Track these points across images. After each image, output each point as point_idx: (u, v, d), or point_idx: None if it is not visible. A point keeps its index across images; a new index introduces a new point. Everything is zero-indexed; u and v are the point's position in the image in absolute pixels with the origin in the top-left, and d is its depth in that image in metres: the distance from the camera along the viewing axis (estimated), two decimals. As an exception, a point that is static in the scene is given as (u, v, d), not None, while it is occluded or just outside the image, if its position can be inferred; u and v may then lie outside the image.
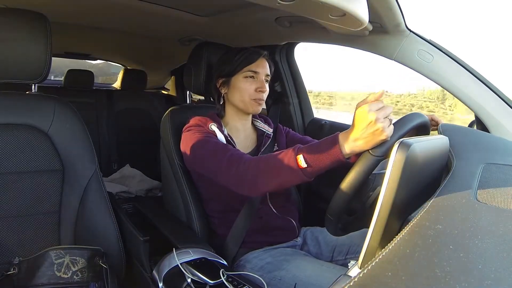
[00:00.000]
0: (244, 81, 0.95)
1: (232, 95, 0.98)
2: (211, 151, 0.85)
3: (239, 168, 0.76)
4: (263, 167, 0.73)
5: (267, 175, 0.72)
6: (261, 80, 0.96)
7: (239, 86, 0.96)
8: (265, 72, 0.97)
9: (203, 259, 0.79)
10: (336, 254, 0.96)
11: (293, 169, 0.68)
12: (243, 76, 0.96)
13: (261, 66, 0.96)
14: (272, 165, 0.71)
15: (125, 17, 1.37)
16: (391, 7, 0.81)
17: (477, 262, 0.33)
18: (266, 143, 1.01)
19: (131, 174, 2.01)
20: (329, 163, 0.65)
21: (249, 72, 0.95)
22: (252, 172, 0.74)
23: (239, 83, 0.96)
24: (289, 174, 0.69)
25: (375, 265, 0.33)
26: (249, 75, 0.95)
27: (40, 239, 0.88)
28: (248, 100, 0.95)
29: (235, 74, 0.96)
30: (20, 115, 0.87)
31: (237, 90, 0.96)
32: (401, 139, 0.47)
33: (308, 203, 1.32)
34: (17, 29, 0.82)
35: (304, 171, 0.67)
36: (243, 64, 0.95)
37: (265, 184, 0.73)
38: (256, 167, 0.74)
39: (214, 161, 0.82)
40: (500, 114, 0.89)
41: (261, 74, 0.96)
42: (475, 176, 0.56)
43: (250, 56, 0.96)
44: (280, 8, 0.62)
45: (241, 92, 0.95)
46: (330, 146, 0.65)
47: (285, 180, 0.71)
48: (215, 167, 0.82)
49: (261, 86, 0.95)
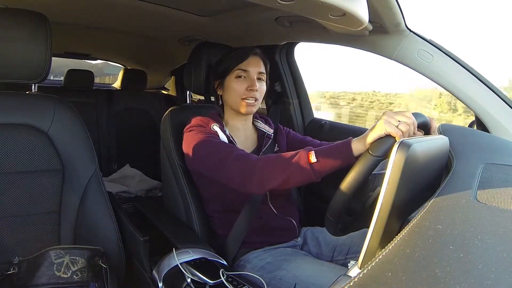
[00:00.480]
0: (235, 81, 0.94)
1: (227, 96, 0.97)
2: (215, 150, 0.85)
3: (247, 164, 0.77)
4: (273, 161, 0.75)
5: (276, 169, 0.74)
6: (252, 79, 0.93)
7: (231, 87, 0.95)
8: (257, 70, 0.95)
9: (203, 259, 0.79)
10: (337, 254, 0.96)
11: (303, 164, 0.70)
12: (235, 76, 0.94)
13: (252, 64, 0.94)
14: (282, 159, 0.74)
15: (125, 17, 1.37)
16: (391, 7, 0.81)
17: (477, 262, 0.33)
18: (266, 143, 1.01)
19: (131, 174, 2.01)
20: (339, 162, 0.68)
21: (239, 71, 0.94)
22: (261, 167, 0.75)
23: (231, 83, 0.95)
24: (298, 169, 0.70)
25: (375, 265, 0.33)
26: (240, 74, 0.94)
27: (40, 239, 0.88)
28: (238, 100, 0.94)
29: (227, 75, 0.95)
30: (20, 115, 0.87)
31: (230, 90, 0.95)
32: (401, 139, 0.47)
33: (308, 203, 1.32)
34: (17, 29, 0.82)
35: (313, 167, 0.69)
36: (234, 64, 0.94)
37: (272, 179, 0.74)
38: (265, 162, 0.76)
39: (219, 159, 0.82)
40: (500, 114, 0.89)
41: (251, 72, 0.94)
42: (475, 176, 0.55)
43: (239, 55, 0.94)
44: (280, 8, 0.62)
45: (233, 92, 0.94)
46: (342, 145, 0.69)
47: (293, 175, 0.72)
48: (219, 165, 0.82)
49: (251, 85, 0.92)
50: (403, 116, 0.63)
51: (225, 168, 0.81)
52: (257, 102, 0.95)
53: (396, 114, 0.64)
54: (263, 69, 0.97)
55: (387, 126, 0.62)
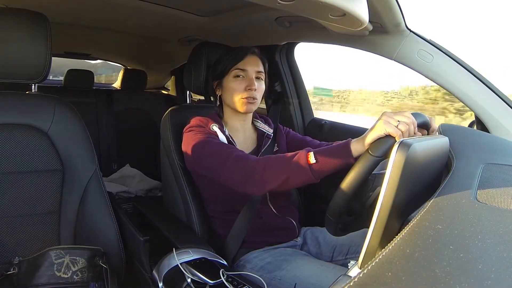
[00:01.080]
0: (234, 81, 0.94)
1: (225, 96, 0.97)
2: (214, 150, 0.85)
3: (246, 165, 0.78)
4: (273, 162, 0.75)
5: (275, 170, 0.74)
6: (250, 78, 0.93)
7: (230, 87, 0.95)
8: (255, 69, 0.95)
9: (203, 259, 0.79)
10: (336, 254, 0.96)
11: (302, 164, 0.70)
12: (233, 76, 0.94)
13: (250, 63, 0.94)
14: (281, 160, 0.74)
15: (125, 17, 1.37)
16: (391, 7, 0.81)
17: (477, 262, 0.33)
18: (266, 143, 1.01)
19: (131, 174, 2.01)
20: (338, 163, 0.68)
21: (237, 70, 0.94)
22: (260, 168, 0.76)
23: (229, 83, 0.95)
24: (297, 169, 0.71)
25: (375, 265, 0.33)
26: (238, 74, 0.94)
27: (40, 239, 0.88)
28: (238, 99, 0.94)
29: (225, 75, 0.95)
30: (20, 115, 0.87)
31: (229, 90, 0.95)
32: (401, 139, 0.47)
33: (308, 203, 1.32)
34: (17, 29, 0.82)
35: (312, 167, 0.69)
36: (231, 64, 0.94)
37: (271, 180, 0.74)
38: (265, 163, 0.76)
39: (218, 159, 0.82)
40: (500, 114, 0.89)
41: (250, 71, 0.94)
42: (475, 176, 0.55)
43: (237, 54, 0.95)
44: (280, 8, 0.62)
45: (232, 92, 0.94)
46: (341, 146, 0.69)
47: (292, 175, 0.72)
48: (219, 165, 0.82)
49: (250, 84, 0.92)
50: (403, 116, 0.63)
51: (225, 169, 0.81)
52: (256, 101, 0.95)
53: (395, 114, 0.64)
54: (261, 68, 0.97)
55: (386, 126, 0.62)
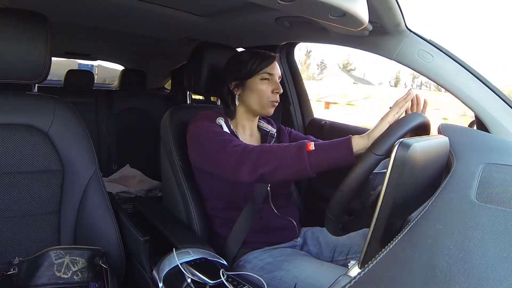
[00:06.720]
0: (261, 83, 0.97)
1: (248, 97, 0.98)
2: (216, 136, 0.86)
3: (245, 149, 0.79)
4: (270, 147, 0.77)
5: (271, 153, 0.75)
6: (276, 82, 0.98)
7: (257, 88, 0.97)
8: (278, 73, 0.99)
9: (203, 259, 0.79)
10: (337, 254, 0.96)
11: (299, 150, 0.71)
12: (260, 79, 0.97)
13: (275, 68, 0.99)
14: (280, 146, 0.76)
15: (125, 17, 1.37)
16: (391, 7, 0.81)
17: (477, 262, 0.33)
18: (270, 142, 1.02)
19: (131, 174, 2.01)
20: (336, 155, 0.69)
21: (265, 74, 0.97)
22: (257, 151, 0.77)
23: (256, 85, 0.97)
24: (294, 155, 0.71)
25: (375, 265, 0.33)
26: (265, 77, 0.97)
27: (40, 239, 0.88)
28: (266, 102, 0.97)
29: (251, 77, 0.97)
30: (20, 115, 0.87)
31: (255, 92, 0.97)
32: (401, 139, 0.47)
33: (309, 203, 1.32)
34: (17, 29, 0.82)
35: (310, 155, 0.70)
36: (260, 67, 0.96)
37: (264, 163, 0.74)
38: (262, 147, 0.78)
39: (220, 145, 0.83)
40: (500, 114, 0.89)
41: (275, 75, 0.98)
42: (475, 176, 0.55)
43: (265, 59, 0.98)
44: (280, 8, 0.62)
45: (259, 94, 0.97)
46: (342, 140, 0.70)
47: (286, 161, 0.72)
48: (218, 148, 0.83)
49: (277, 88, 0.97)
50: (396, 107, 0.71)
51: (222, 153, 0.82)
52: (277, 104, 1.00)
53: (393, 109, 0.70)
54: (280, 73, 1.01)
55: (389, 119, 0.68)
